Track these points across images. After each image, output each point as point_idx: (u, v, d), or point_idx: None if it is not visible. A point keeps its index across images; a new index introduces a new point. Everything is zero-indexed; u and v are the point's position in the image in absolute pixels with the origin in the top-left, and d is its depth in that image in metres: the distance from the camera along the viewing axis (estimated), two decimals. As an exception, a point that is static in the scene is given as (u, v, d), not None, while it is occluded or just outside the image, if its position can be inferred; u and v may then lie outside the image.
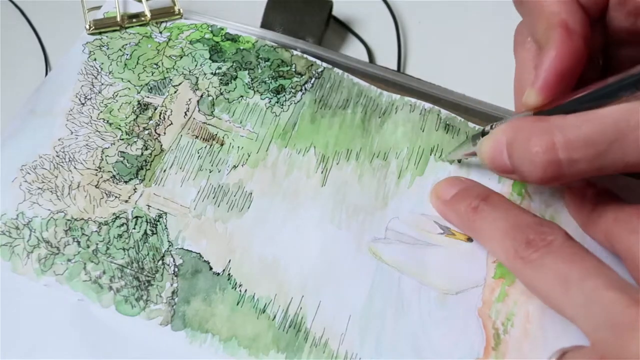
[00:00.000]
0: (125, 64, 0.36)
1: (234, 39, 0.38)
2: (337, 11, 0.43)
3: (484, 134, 0.31)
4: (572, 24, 0.27)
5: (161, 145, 0.34)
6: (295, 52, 0.38)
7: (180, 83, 0.36)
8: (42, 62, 0.40)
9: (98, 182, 0.33)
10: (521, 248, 0.28)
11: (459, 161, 0.35)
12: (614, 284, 0.25)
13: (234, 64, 0.37)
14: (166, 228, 0.32)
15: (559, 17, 0.28)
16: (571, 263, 0.26)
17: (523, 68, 0.30)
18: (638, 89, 0.25)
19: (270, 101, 0.36)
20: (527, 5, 0.29)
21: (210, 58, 0.37)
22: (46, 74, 0.39)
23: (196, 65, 0.37)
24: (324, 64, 0.38)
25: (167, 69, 0.36)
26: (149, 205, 0.33)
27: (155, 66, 0.36)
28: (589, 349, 0.26)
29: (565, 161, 0.26)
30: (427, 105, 0.36)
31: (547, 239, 0.28)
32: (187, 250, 0.32)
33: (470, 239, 0.33)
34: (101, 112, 0.35)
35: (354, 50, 0.43)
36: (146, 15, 0.38)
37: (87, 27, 0.38)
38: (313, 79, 0.37)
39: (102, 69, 0.36)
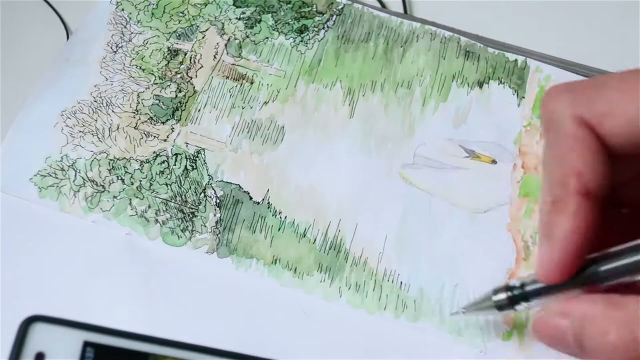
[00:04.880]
0: (152, 13, 0.37)
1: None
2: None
3: (509, 290, 0.26)
4: (592, 185, 0.23)
5: (194, 87, 0.35)
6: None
7: (207, 29, 0.37)
8: (60, 25, 0.39)
9: (136, 123, 0.34)
10: None
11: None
12: None
13: (257, 8, 0.38)
14: (205, 163, 0.33)
15: (577, 178, 0.22)
16: None
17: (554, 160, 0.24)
18: None
19: (294, 40, 0.37)
20: (550, 140, 0.24)
21: (234, 4, 0.38)
22: (67, 36, 0.39)
23: (221, 12, 0.38)
24: (344, 1, 0.39)
25: (192, 16, 0.37)
26: (187, 143, 0.34)
27: (181, 14, 0.37)
28: None
29: None
30: (447, 33, 0.38)
31: None
32: (226, 182, 0.33)
33: (494, 161, 0.35)
34: (133, 59, 0.36)
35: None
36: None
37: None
38: (334, 17, 0.38)
39: (130, 18, 0.37)
